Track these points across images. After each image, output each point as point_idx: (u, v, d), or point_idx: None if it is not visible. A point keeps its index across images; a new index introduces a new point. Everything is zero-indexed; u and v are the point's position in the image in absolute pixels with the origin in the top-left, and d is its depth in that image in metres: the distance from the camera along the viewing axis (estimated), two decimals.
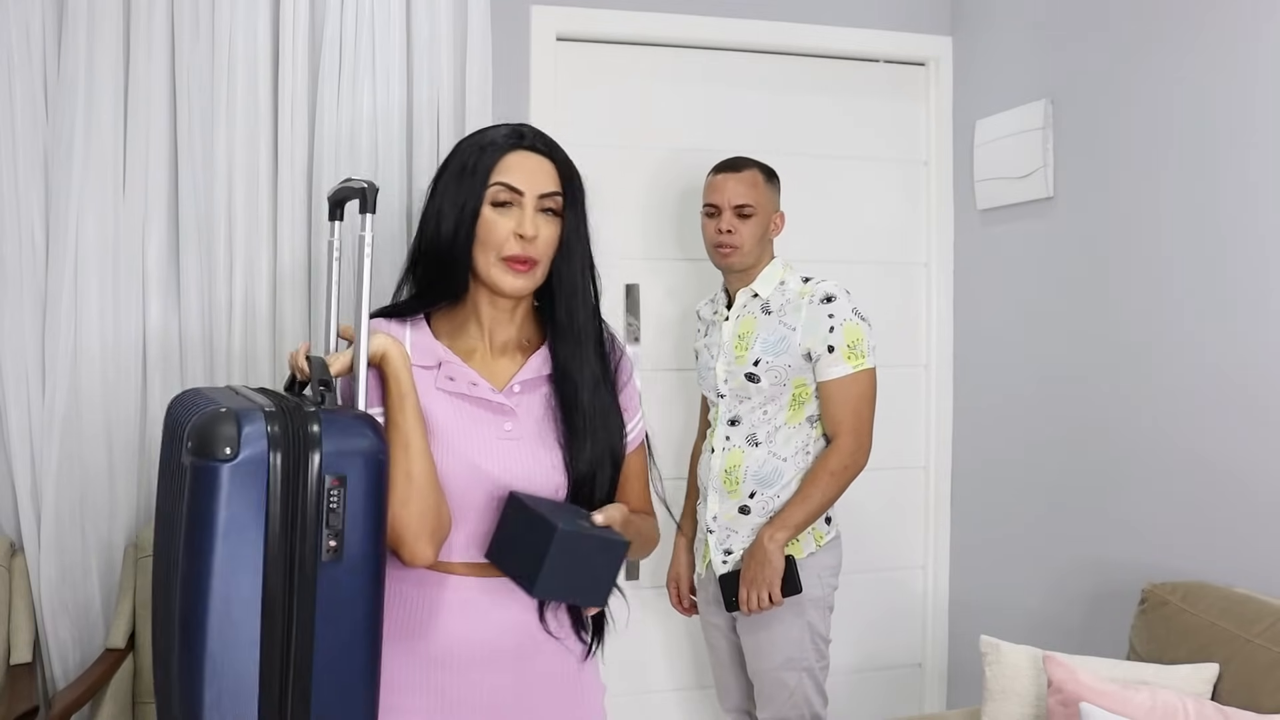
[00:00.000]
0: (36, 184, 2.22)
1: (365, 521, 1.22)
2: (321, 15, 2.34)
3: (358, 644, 1.23)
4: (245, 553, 1.18)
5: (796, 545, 2.24)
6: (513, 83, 2.64)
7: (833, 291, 2.23)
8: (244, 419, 1.19)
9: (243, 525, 1.18)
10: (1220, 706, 1.75)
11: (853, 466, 2.22)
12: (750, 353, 2.26)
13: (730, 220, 2.28)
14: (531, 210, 1.38)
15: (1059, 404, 2.54)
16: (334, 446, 1.20)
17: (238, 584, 1.18)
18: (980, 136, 2.81)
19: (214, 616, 1.18)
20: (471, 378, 1.41)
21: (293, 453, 1.19)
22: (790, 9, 2.85)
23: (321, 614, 1.20)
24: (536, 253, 1.39)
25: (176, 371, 2.32)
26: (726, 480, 2.30)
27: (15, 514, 2.26)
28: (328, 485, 1.20)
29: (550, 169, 1.42)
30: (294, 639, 1.19)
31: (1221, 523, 2.08)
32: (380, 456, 1.24)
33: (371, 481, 1.22)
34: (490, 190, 1.38)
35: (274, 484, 1.18)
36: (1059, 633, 2.48)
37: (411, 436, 1.33)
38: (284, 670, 1.19)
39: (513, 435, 1.41)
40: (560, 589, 1.32)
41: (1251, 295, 2.02)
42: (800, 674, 2.25)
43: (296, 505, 1.19)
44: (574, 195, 1.43)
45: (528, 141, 1.42)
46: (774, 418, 2.26)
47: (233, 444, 1.17)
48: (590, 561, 1.30)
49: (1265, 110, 1.98)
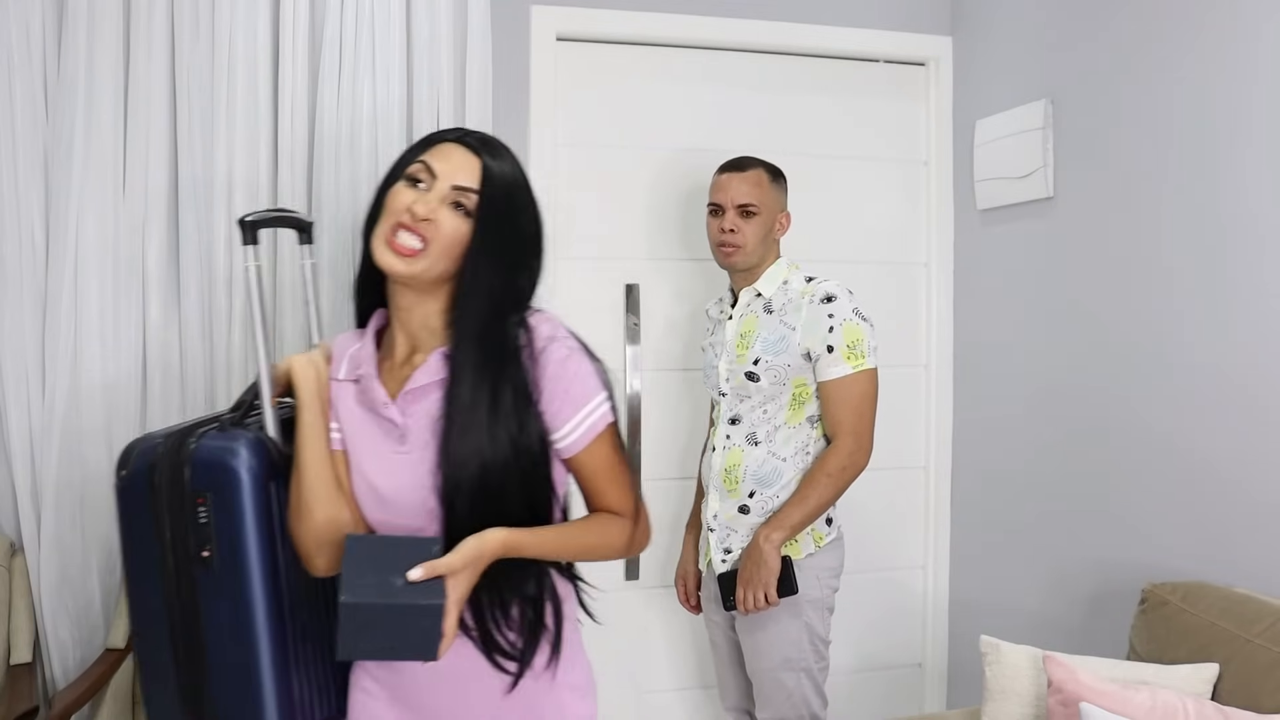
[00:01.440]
0: (36, 184, 2.23)
1: (245, 530, 1.32)
2: (321, 15, 2.35)
3: (250, 637, 1.33)
4: (147, 557, 1.35)
5: (795, 546, 2.24)
6: (513, 83, 2.64)
7: (833, 291, 2.23)
8: (143, 442, 1.37)
9: (140, 534, 1.35)
10: (1220, 706, 1.75)
11: (851, 468, 2.22)
12: (750, 352, 2.26)
13: (733, 219, 2.28)
14: (437, 196, 1.32)
15: (1059, 404, 2.54)
16: (201, 465, 1.33)
17: (146, 582, 1.36)
18: (980, 136, 2.81)
19: (136, 607, 1.39)
20: (375, 390, 1.38)
21: (168, 471, 1.33)
22: (790, 9, 2.85)
23: (206, 611, 1.33)
24: (427, 232, 1.30)
25: (176, 371, 2.32)
26: (726, 479, 2.30)
27: (15, 514, 2.26)
28: (194, 500, 1.32)
29: (475, 166, 1.34)
30: (187, 630, 1.34)
31: (1221, 523, 2.08)
32: (255, 471, 1.34)
33: (238, 497, 1.33)
34: (410, 166, 1.35)
35: (157, 500, 1.33)
36: (1059, 633, 2.48)
37: (303, 454, 1.36)
38: (185, 654, 1.35)
39: (404, 451, 1.36)
40: (367, 651, 1.24)
41: (1251, 294, 2.02)
42: (799, 675, 2.24)
43: (174, 518, 1.33)
44: (495, 202, 1.34)
45: (465, 139, 1.37)
46: (774, 417, 2.26)
47: (126, 465, 1.35)
48: (398, 625, 1.19)
49: (1265, 110, 1.98)
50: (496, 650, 1.36)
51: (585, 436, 1.38)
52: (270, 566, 1.34)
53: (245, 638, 1.33)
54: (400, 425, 1.36)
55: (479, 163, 1.35)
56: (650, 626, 2.87)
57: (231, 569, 1.32)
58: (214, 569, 1.32)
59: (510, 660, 1.37)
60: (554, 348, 1.36)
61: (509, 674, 1.37)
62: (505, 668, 1.37)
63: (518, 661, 1.37)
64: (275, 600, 1.34)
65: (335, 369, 1.44)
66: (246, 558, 1.32)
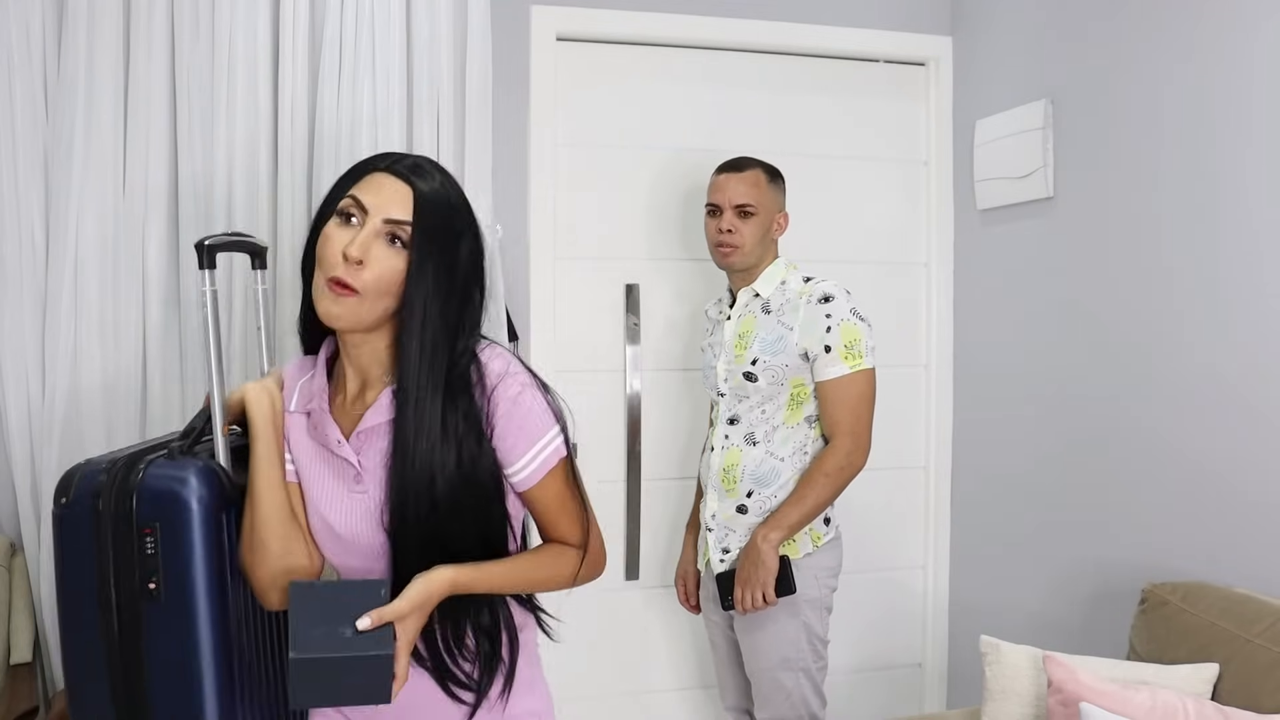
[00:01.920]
0: (36, 184, 2.23)
1: (193, 562, 1.29)
2: (321, 15, 2.34)
3: (197, 673, 1.29)
4: (86, 590, 1.30)
5: (793, 545, 2.24)
6: (513, 83, 2.64)
7: (831, 291, 2.23)
8: (85, 471, 1.32)
9: (80, 566, 1.30)
10: (1220, 706, 1.75)
11: (849, 468, 2.21)
12: (749, 352, 2.26)
13: (731, 220, 2.28)
14: (369, 233, 1.26)
15: (1059, 404, 2.54)
16: (149, 494, 1.29)
17: (84, 618, 1.30)
18: (980, 136, 2.81)
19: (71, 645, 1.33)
20: (327, 427, 1.35)
21: (114, 500, 1.29)
22: (790, 9, 2.85)
23: (150, 647, 1.29)
24: (359, 282, 1.24)
25: (176, 372, 2.32)
26: (725, 479, 2.30)
27: (15, 514, 2.26)
28: (140, 530, 1.28)
29: (406, 195, 1.28)
30: (129, 669, 1.29)
31: (1221, 523, 2.08)
32: (205, 501, 1.29)
33: (188, 527, 1.29)
34: (341, 201, 1.29)
35: (100, 530, 1.29)
36: (1059, 633, 2.48)
37: (254, 485, 1.34)
38: (126, 696, 1.30)
39: (360, 489, 1.34)
40: (320, 700, 1.24)
41: (1251, 294, 2.02)
42: (797, 674, 2.25)
43: (118, 549, 1.29)
44: (431, 231, 1.28)
45: (394, 166, 1.30)
46: (772, 417, 2.26)
47: (68, 494, 1.30)
48: (348, 674, 1.19)
49: (1264, 110, 1.98)
50: (452, 680, 1.35)
51: (538, 472, 1.36)
52: (220, 600, 1.30)
53: (191, 673, 1.29)
54: (356, 466, 1.34)
55: (410, 191, 1.28)
56: (650, 626, 2.87)
57: (179, 602, 1.28)
58: (161, 602, 1.27)
59: (466, 690, 1.35)
60: (506, 383, 1.32)
61: (464, 704, 1.36)
62: (461, 698, 1.36)
63: (474, 692, 1.36)
64: (223, 634, 1.31)
65: (287, 400, 1.41)
66: (194, 591, 1.28)
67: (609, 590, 2.80)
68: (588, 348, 2.79)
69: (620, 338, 2.81)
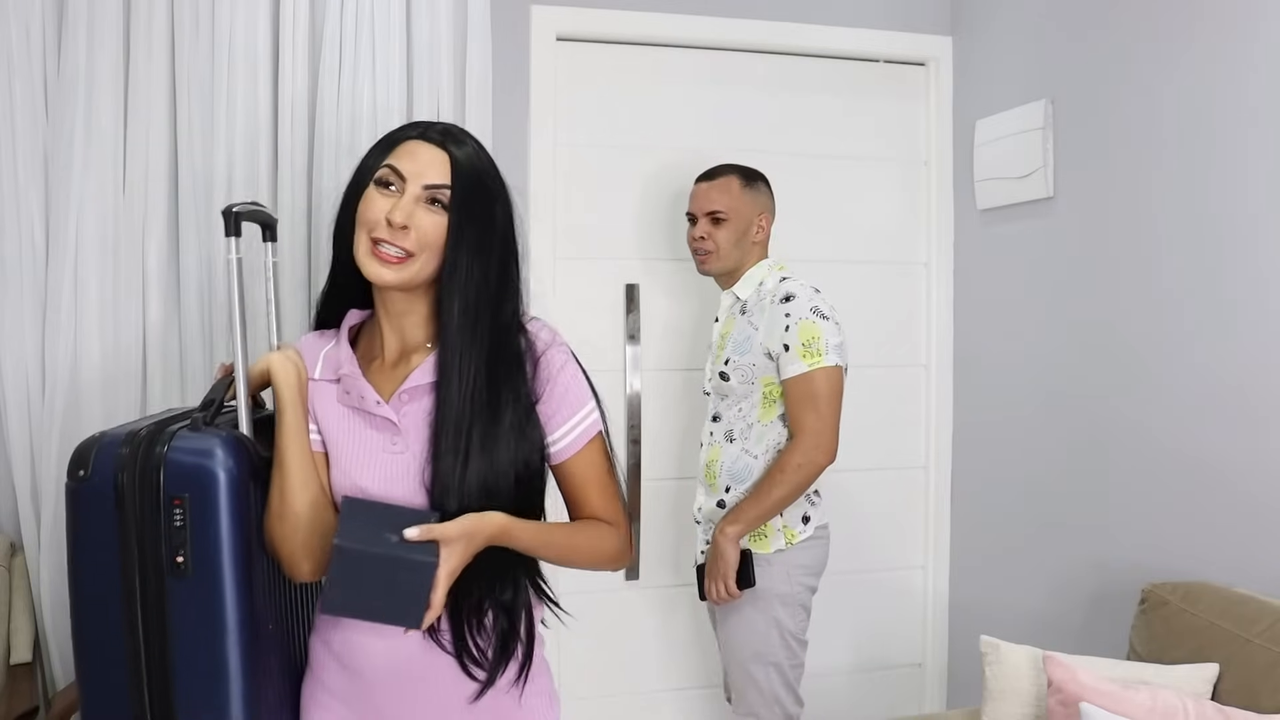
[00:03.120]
0: (36, 184, 2.22)
1: (220, 536, 1.26)
2: (321, 15, 2.34)
3: (223, 652, 1.27)
4: (106, 567, 1.26)
5: (763, 540, 2.25)
6: (513, 83, 2.64)
7: (793, 290, 2.24)
8: (103, 443, 1.28)
9: (99, 541, 1.26)
10: (1220, 706, 1.75)
11: (808, 465, 2.20)
12: (725, 352, 2.32)
13: (705, 227, 2.35)
14: (410, 199, 1.31)
15: (1059, 404, 2.54)
16: (176, 467, 1.26)
17: (102, 596, 1.27)
18: (980, 136, 2.81)
19: (85, 626, 1.29)
20: (363, 390, 1.36)
21: (139, 473, 1.25)
22: (790, 9, 2.85)
23: (175, 625, 1.26)
24: (409, 243, 1.31)
25: (176, 371, 2.31)
26: (707, 474, 2.35)
27: (15, 514, 2.26)
28: (170, 503, 1.25)
29: (443, 161, 1.33)
30: (152, 649, 1.26)
31: (1221, 523, 2.08)
32: (232, 473, 1.27)
33: (216, 500, 1.26)
34: (379, 171, 1.34)
35: (123, 502, 1.25)
36: (1059, 633, 2.48)
37: (286, 455, 1.33)
38: (148, 678, 1.26)
39: (398, 449, 1.35)
40: (352, 608, 1.22)
41: (1250, 295, 2.02)
42: (768, 668, 2.25)
43: (144, 523, 1.25)
44: (468, 193, 1.33)
45: (429, 134, 1.36)
46: (747, 415, 2.30)
47: (86, 467, 1.27)
48: (388, 580, 1.19)
49: (1264, 110, 1.98)
50: (467, 654, 1.34)
51: (577, 442, 1.40)
52: (246, 574, 1.29)
53: (217, 649, 1.27)
54: (397, 423, 1.35)
55: (445, 156, 1.34)
56: (650, 626, 2.87)
57: (207, 576, 1.26)
58: (189, 577, 1.25)
59: (478, 667, 1.35)
60: (552, 352, 1.39)
61: (475, 681, 1.36)
62: (473, 674, 1.35)
63: (485, 670, 1.36)
64: (249, 609, 1.29)
65: (310, 369, 1.42)
66: (223, 564, 1.26)
67: (609, 590, 2.81)
68: (587, 347, 2.74)
69: (620, 338, 2.81)
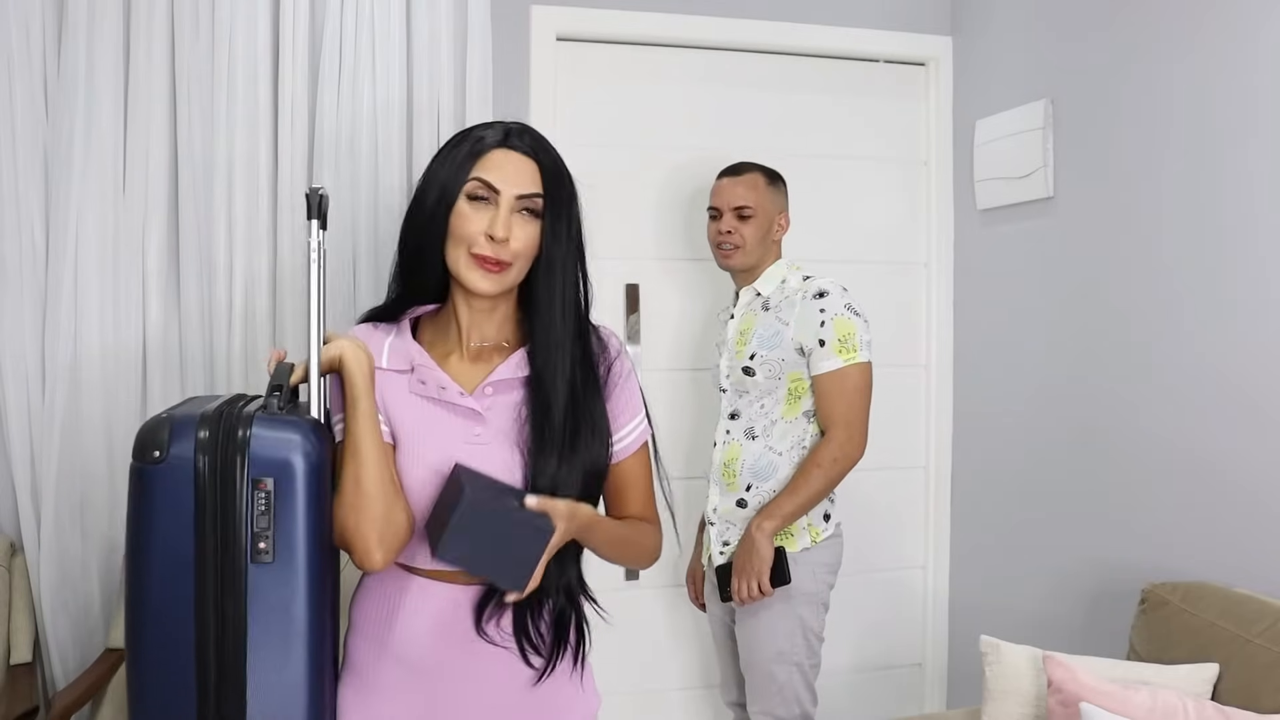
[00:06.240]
0: (36, 184, 2.23)
1: (299, 524, 1.24)
2: (321, 15, 2.35)
3: (296, 644, 1.25)
4: (178, 553, 1.22)
5: (791, 539, 2.25)
6: (513, 83, 2.64)
7: (826, 287, 2.26)
8: (177, 424, 1.24)
9: (173, 526, 1.22)
10: (1220, 706, 1.75)
11: (843, 460, 2.22)
12: (748, 347, 2.30)
13: (730, 222, 2.33)
14: (506, 211, 1.36)
15: (1059, 404, 2.54)
16: (262, 451, 1.23)
17: (171, 583, 1.22)
18: (980, 136, 2.81)
19: (149, 613, 1.23)
20: (441, 381, 1.39)
21: (220, 456, 1.22)
22: (790, 9, 2.85)
23: (254, 615, 1.23)
24: (508, 254, 1.36)
25: (176, 371, 2.32)
26: (725, 473, 2.32)
27: (15, 514, 2.26)
28: (254, 489, 1.23)
29: (533, 169, 1.38)
30: (226, 639, 1.22)
31: (1221, 523, 2.08)
32: (313, 460, 1.25)
33: (302, 485, 1.24)
34: (468, 185, 1.37)
35: (202, 486, 1.22)
36: (1059, 633, 2.48)
37: (361, 442, 1.32)
38: (218, 670, 1.22)
39: (481, 439, 1.38)
40: (468, 560, 1.26)
41: (1251, 294, 2.02)
42: (790, 668, 2.26)
43: (225, 508, 1.22)
44: (558, 197, 1.39)
45: (512, 141, 1.39)
46: (770, 412, 2.28)
47: (162, 448, 1.22)
48: (504, 539, 1.25)
49: (1264, 109, 1.98)
50: (528, 640, 1.38)
51: (633, 445, 1.48)
52: (323, 563, 1.28)
53: (291, 639, 1.24)
54: (482, 415, 1.38)
55: (534, 165, 1.39)
56: (651, 626, 2.87)
57: (289, 564, 1.24)
58: (271, 564, 1.23)
59: (537, 655, 1.39)
60: (623, 359, 1.49)
61: (532, 668, 1.40)
62: (530, 660, 1.39)
63: (543, 658, 1.40)
64: (323, 598, 1.28)
65: (377, 359, 1.43)
66: (302, 553, 1.24)
67: (610, 590, 2.77)
68: None
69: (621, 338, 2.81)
